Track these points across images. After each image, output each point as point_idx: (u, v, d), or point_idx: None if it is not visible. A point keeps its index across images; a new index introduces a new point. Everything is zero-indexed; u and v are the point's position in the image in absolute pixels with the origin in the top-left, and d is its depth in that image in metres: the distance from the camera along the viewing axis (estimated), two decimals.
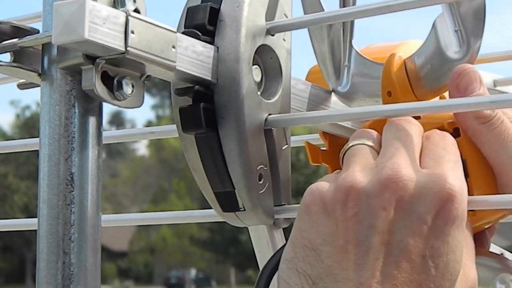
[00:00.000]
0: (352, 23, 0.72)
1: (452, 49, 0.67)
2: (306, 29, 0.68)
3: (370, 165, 0.56)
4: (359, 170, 0.56)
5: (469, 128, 0.62)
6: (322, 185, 0.57)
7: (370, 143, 0.59)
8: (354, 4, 0.69)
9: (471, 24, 0.65)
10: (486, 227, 0.68)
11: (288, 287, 0.55)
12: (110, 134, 0.79)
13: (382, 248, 0.54)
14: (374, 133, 0.60)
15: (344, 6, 0.69)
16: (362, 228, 0.54)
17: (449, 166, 0.56)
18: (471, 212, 0.60)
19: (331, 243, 0.54)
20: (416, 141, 0.58)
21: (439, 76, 0.68)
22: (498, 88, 0.91)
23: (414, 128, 0.59)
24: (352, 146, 0.59)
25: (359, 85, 0.73)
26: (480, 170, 0.63)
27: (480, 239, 0.69)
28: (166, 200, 31.11)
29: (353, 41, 0.73)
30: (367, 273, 0.53)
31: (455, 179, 0.55)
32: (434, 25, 0.68)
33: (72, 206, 0.55)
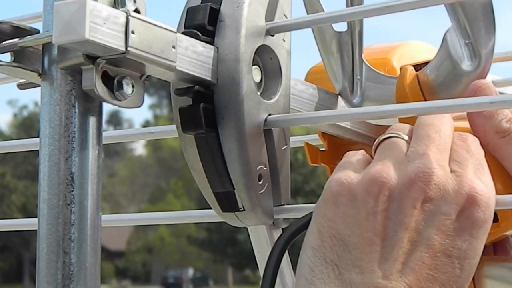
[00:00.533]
0: (360, 36, 0.73)
1: (464, 61, 0.67)
2: (306, 30, 0.68)
3: (402, 160, 0.57)
4: (392, 166, 0.56)
5: (489, 143, 0.63)
6: (351, 177, 0.57)
7: (405, 137, 0.59)
8: (361, 4, 0.69)
9: (482, 36, 0.66)
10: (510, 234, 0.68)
11: (314, 275, 0.56)
12: (110, 134, 0.79)
13: (408, 244, 0.54)
14: (410, 127, 0.61)
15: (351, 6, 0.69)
16: (391, 223, 0.55)
17: (473, 169, 0.57)
18: (495, 224, 0.61)
19: (359, 235, 0.55)
20: (446, 138, 0.59)
21: (452, 88, 0.68)
22: (496, 89, 0.91)
23: (446, 124, 0.60)
24: (388, 138, 0.59)
25: (372, 96, 0.73)
26: (503, 183, 0.63)
27: (504, 245, 0.69)
28: (163, 200, 31.08)
29: (363, 55, 0.73)
30: (392, 267, 0.54)
31: (480, 183, 0.56)
32: (444, 39, 0.68)
33: (72, 205, 0.55)
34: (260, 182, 0.63)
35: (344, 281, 0.55)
